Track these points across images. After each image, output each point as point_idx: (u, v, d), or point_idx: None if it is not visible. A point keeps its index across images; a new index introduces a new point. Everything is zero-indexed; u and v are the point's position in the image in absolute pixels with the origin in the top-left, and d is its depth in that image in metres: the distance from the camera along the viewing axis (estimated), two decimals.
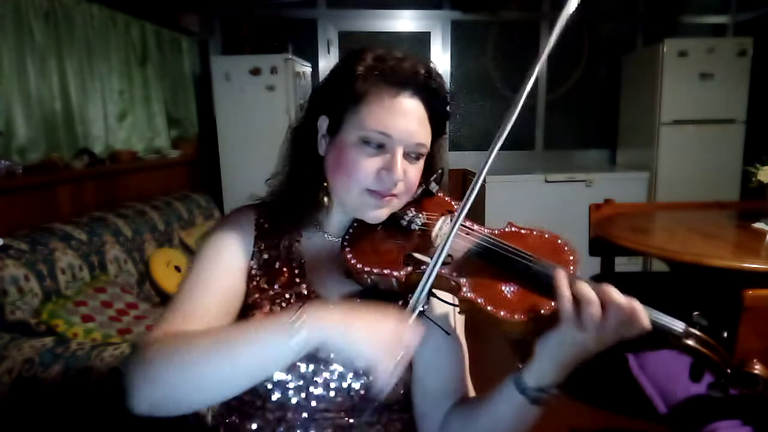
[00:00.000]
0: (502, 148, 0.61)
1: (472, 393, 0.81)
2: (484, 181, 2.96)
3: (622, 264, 2.61)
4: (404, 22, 4.02)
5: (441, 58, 4.05)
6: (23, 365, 1.43)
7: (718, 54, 3.59)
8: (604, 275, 2.45)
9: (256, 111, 3.21)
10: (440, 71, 0.79)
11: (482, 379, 0.86)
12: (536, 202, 3.62)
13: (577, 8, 0.59)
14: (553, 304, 0.63)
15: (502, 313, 0.63)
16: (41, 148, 2.24)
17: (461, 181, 4.17)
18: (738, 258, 1.70)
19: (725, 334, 0.63)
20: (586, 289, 0.61)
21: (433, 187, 0.84)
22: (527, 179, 3.68)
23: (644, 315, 0.60)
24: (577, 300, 0.61)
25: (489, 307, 0.64)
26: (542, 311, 0.63)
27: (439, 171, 0.85)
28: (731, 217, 2.42)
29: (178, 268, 2.38)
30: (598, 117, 4.31)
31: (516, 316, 0.63)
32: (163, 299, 2.26)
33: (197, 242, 2.72)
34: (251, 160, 3.19)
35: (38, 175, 2.13)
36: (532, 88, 0.57)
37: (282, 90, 3.24)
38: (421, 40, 4.05)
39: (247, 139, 3.25)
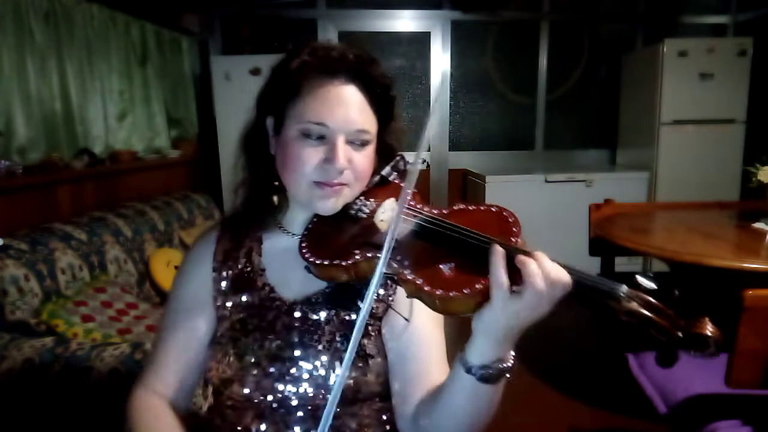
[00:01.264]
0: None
1: None
2: (484, 180, 2.93)
3: (622, 264, 2.61)
4: (404, 22, 4.02)
5: (441, 58, 4.06)
6: (23, 365, 1.44)
7: (718, 54, 3.59)
8: (604, 275, 2.44)
9: None
10: (377, 59, 0.79)
11: None
12: (536, 202, 3.62)
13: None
14: (488, 277, 0.61)
15: (438, 291, 0.62)
16: (41, 148, 2.25)
17: (461, 181, 4.17)
18: (738, 258, 1.70)
19: (677, 293, 0.59)
20: (523, 260, 0.59)
21: (388, 174, 0.83)
22: (527, 179, 3.68)
23: (560, 270, 0.59)
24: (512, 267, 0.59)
25: (427, 287, 0.63)
26: (477, 286, 0.61)
27: (397, 158, 0.85)
28: (731, 217, 2.42)
29: (178, 269, 2.38)
30: (598, 117, 4.31)
31: (452, 293, 0.61)
32: (163, 299, 2.26)
33: None
34: None
35: (38, 175, 2.13)
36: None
37: None
38: (421, 40, 4.05)
39: None
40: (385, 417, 0.81)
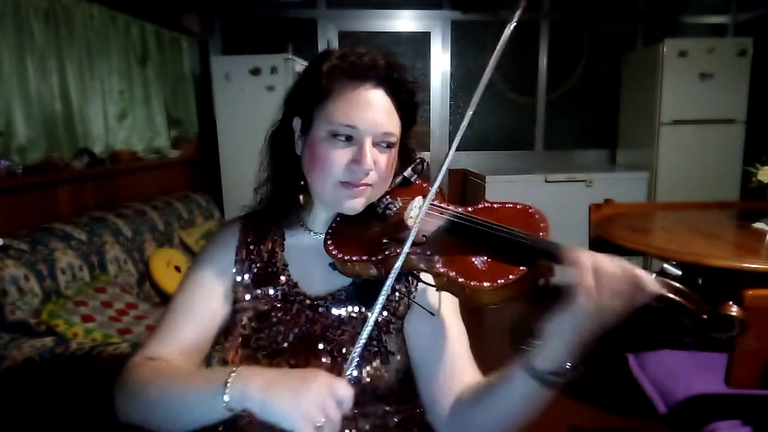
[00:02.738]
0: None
1: (478, 376, 0.80)
2: (484, 180, 2.93)
3: None
4: (404, 22, 4.02)
5: (441, 58, 4.06)
6: (23, 365, 1.44)
7: (718, 54, 3.59)
8: None
9: (256, 111, 3.19)
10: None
11: (487, 367, 0.85)
12: (536, 202, 3.53)
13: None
14: (521, 269, 0.65)
15: (473, 283, 0.65)
16: (41, 148, 2.24)
17: (461, 181, 4.17)
18: (738, 258, 1.70)
19: (700, 281, 0.63)
20: (601, 259, 0.62)
21: (410, 175, 0.86)
22: (527, 179, 3.68)
23: (645, 273, 0.61)
24: (597, 271, 0.61)
25: (461, 279, 0.66)
26: (511, 276, 0.65)
27: (418, 160, 0.88)
28: (731, 217, 2.42)
29: (178, 268, 2.38)
30: (598, 117, 4.31)
31: (486, 284, 0.65)
32: (163, 299, 2.26)
33: (198, 242, 2.72)
34: (251, 160, 3.17)
35: (38, 175, 2.13)
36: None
37: (282, 90, 3.22)
38: (421, 40, 4.05)
39: (247, 139, 3.23)
40: (397, 419, 0.81)
